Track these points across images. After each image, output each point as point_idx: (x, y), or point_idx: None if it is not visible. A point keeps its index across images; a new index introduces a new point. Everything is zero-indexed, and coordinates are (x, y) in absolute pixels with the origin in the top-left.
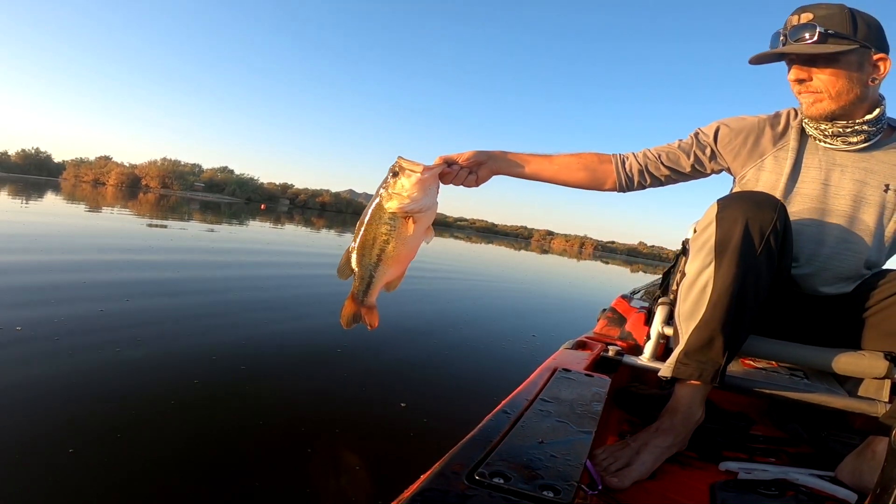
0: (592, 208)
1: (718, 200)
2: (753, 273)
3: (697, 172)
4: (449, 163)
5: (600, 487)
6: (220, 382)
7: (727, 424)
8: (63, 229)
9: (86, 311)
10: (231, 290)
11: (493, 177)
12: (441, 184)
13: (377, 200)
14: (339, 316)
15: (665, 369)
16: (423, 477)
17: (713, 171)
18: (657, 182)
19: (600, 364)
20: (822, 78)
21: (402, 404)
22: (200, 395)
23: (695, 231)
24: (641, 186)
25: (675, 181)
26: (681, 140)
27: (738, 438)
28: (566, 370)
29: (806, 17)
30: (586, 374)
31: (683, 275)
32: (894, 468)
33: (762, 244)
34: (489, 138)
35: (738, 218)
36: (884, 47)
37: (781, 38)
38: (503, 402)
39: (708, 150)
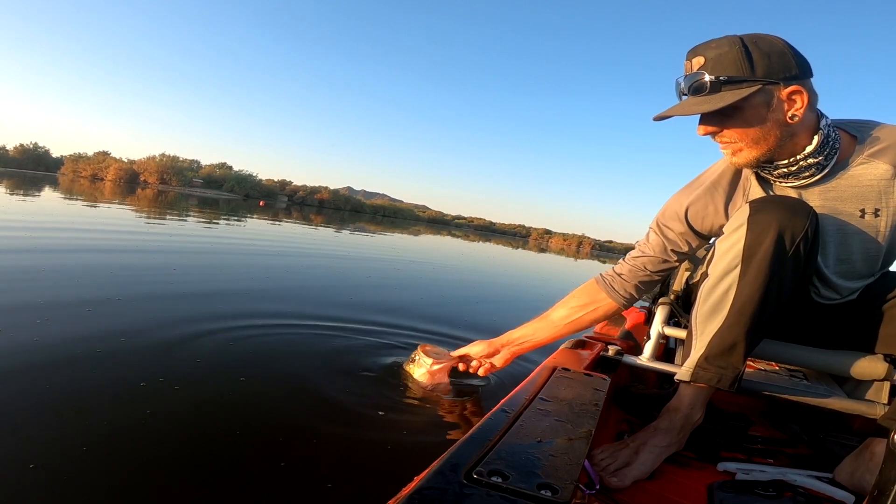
0: (591, 207)
1: (750, 203)
2: (778, 279)
3: (688, 256)
4: (462, 357)
5: (598, 487)
6: (199, 387)
7: (726, 425)
8: (59, 224)
9: (72, 310)
10: (222, 291)
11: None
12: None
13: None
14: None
15: (683, 373)
16: (421, 475)
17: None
18: (655, 284)
19: (600, 363)
20: (733, 129)
21: (380, 412)
22: (179, 400)
23: (723, 232)
24: (643, 294)
25: (671, 271)
26: (646, 242)
27: (737, 439)
28: (566, 369)
29: (697, 62)
30: (586, 374)
31: (706, 276)
32: (892, 470)
33: (792, 251)
34: (486, 139)
35: (771, 223)
36: (795, 74)
37: (681, 89)
38: (502, 400)
39: (694, 242)
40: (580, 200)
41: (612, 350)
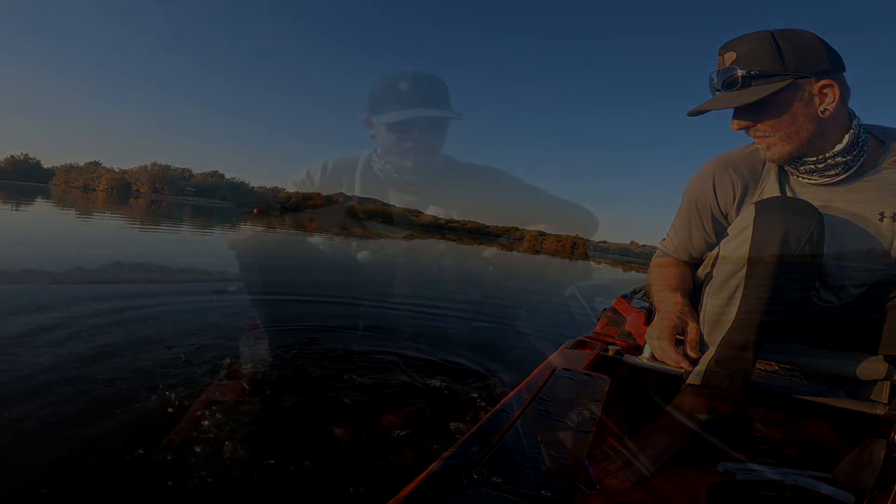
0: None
1: (756, 205)
2: (783, 281)
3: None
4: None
5: (598, 487)
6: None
7: (726, 425)
8: (55, 237)
9: (58, 331)
10: (222, 313)
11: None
12: None
13: None
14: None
15: (694, 377)
16: (421, 475)
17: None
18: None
19: (600, 363)
20: (767, 123)
21: (383, 413)
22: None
23: (727, 234)
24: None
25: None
26: (688, 230)
27: (737, 439)
28: (566, 369)
29: (730, 57)
30: (586, 374)
31: (710, 276)
32: (892, 470)
33: (797, 253)
34: (485, 140)
35: (777, 225)
36: (826, 69)
37: (715, 84)
38: (502, 400)
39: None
40: (574, 200)
41: (611, 350)
